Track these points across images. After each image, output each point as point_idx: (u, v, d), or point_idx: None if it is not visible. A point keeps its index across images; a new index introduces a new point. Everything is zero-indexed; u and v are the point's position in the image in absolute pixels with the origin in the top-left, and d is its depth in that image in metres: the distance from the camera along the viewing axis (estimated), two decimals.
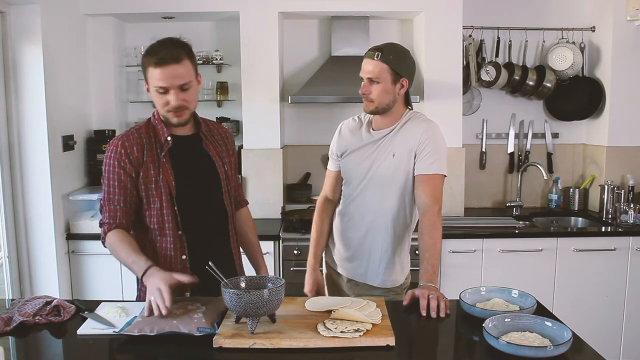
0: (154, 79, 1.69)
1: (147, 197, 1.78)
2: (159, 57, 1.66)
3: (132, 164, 1.75)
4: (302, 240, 3.04)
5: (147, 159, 1.76)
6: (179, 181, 1.78)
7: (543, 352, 1.34)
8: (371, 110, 2.00)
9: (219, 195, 1.88)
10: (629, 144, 3.56)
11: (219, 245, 1.90)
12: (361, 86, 1.99)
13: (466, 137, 3.66)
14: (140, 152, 1.77)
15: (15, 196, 2.91)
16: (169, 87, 1.69)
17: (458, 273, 3.11)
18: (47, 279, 2.98)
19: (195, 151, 1.85)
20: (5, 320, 1.58)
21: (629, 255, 3.16)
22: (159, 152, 1.78)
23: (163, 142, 1.79)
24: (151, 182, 1.77)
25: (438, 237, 1.91)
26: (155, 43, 1.72)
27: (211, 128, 1.94)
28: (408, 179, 2.00)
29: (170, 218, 1.78)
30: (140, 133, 1.80)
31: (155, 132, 1.81)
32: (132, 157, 1.75)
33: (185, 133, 1.83)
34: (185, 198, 1.80)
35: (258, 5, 3.36)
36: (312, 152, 3.77)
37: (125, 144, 1.76)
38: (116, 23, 3.51)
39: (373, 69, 1.94)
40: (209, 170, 1.86)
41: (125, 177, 1.76)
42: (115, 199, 1.76)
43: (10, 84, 2.84)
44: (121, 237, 1.74)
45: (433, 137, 1.97)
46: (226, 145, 1.95)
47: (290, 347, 1.43)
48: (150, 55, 1.69)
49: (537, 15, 3.70)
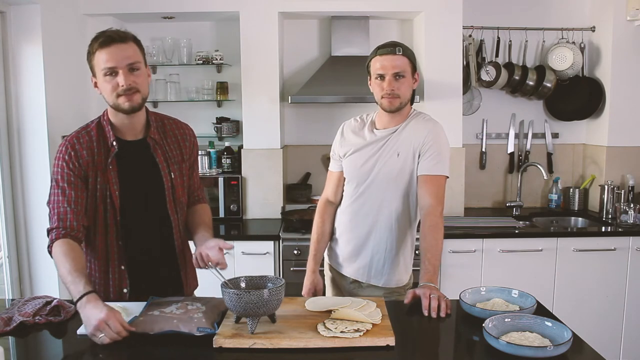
0: (101, 62, 1.62)
1: (92, 204, 1.72)
2: (105, 36, 1.61)
3: (82, 167, 1.69)
4: (302, 241, 3.05)
5: (96, 164, 1.71)
6: (123, 190, 1.73)
7: (543, 352, 1.34)
8: (397, 107, 1.98)
9: (163, 203, 1.81)
10: (629, 144, 3.56)
11: (162, 256, 1.85)
12: (381, 85, 1.96)
13: (466, 137, 3.66)
14: (91, 157, 1.71)
15: (15, 196, 2.91)
16: (116, 67, 1.61)
17: (458, 273, 3.11)
18: (47, 279, 2.97)
19: (142, 157, 1.77)
20: (5, 320, 1.58)
21: (629, 255, 3.16)
22: (106, 159, 1.72)
23: (110, 147, 1.73)
24: (94, 189, 1.71)
25: (440, 238, 1.92)
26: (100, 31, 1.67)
27: (167, 129, 1.85)
28: (412, 178, 2.00)
29: (111, 229, 1.75)
30: (91, 135, 1.73)
31: (103, 135, 1.74)
32: (81, 160, 1.70)
33: (133, 138, 1.77)
34: (129, 208, 1.75)
35: (258, 5, 3.36)
36: (312, 152, 3.77)
37: (76, 147, 1.70)
38: (116, 23, 3.50)
39: (400, 64, 1.94)
40: (156, 178, 1.79)
41: (75, 179, 1.69)
42: (65, 201, 1.67)
43: (10, 84, 2.84)
44: (66, 250, 1.61)
45: (437, 138, 1.98)
46: (181, 148, 1.86)
47: (290, 347, 1.43)
48: (95, 40, 1.64)
49: (537, 15, 3.70)
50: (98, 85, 1.69)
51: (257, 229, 3.30)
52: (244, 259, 3.10)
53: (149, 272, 1.83)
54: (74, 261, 1.59)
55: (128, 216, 1.76)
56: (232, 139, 3.64)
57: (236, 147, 3.59)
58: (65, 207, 1.68)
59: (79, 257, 1.63)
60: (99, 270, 1.81)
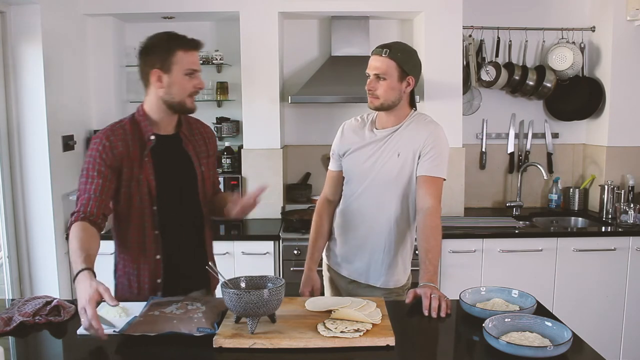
0: (185, 62, 1.73)
1: (126, 194, 1.78)
2: (194, 42, 1.76)
3: (116, 158, 1.74)
4: (302, 240, 3.04)
5: (131, 156, 1.77)
6: (159, 181, 1.79)
7: (543, 352, 1.34)
8: (376, 106, 2.01)
9: (195, 196, 1.89)
10: (629, 144, 3.56)
11: (193, 246, 1.92)
12: (367, 82, 2.00)
13: (466, 137, 3.66)
14: (125, 148, 1.76)
15: (15, 196, 2.91)
16: (198, 70, 1.76)
17: (458, 273, 3.11)
18: (47, 279, 2.97)
19: (175, 151, 1.87)
20: (5, 320, 1.58)
21: (629, 255, 3.16)
22: (142, 151, 1.79)
23: (146, 141, 1.79)
24: (132, 180, 1.77)
25: (440, 239, 1.93)
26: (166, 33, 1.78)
27: (193, 127, 1.95)
28: (412, 179, 2.01)
29: (147, 218, 1.80)
30: (125, 129, 1.80)
31: (139, 129, 1.81)
32: (115, 151, 1.75)
33: (167, 132, 1.85)
34: (164, 198, 1.81)
35: (258, 5, 3.36)
36: (312, 152, 3.77)
37: (111, 138, 1.76)
38: (116, 23, 3.51)
39: (380, 65, 1.95)
40: (188, 171, 1.88)
41: (105, 169, 1.73)
42: (91, 189, 1.72)
43: (10, 84, 2.84)
44: (78, 230, 1.65)
45: (438, 140, 1.99)
46: (206, 145, 1.96)
47: (290, 347, 1.43)
48: (180, 41, 1.74)
49: (537, 15, 3.70)
50: (166, 80, 1.75)
51: (257, 229, 3.30)
52: (244, 259, 3.10)
53: (181, 263, 1.88)
54: (81, 241, 1.61)
55: (163, 207, 1.82)
56: (232, 139, 3.64)
57: (236, 147, 3.59)
58: (89, 194, 1.72)
59: (89, 238, 1.65)
60: (132, 262, 1.84)
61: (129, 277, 1.85)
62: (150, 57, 1.77)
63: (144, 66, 1.79)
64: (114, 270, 1.92)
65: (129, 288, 1.86)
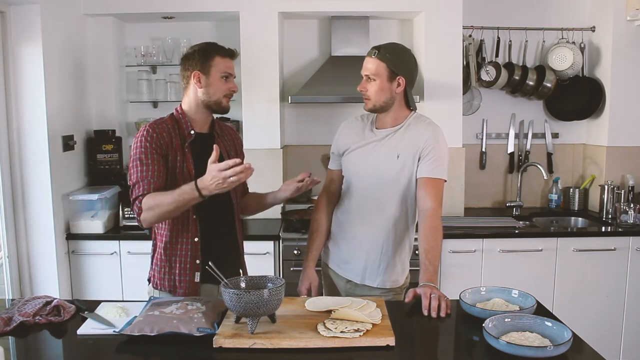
0: (222, 66, 1.95)
1: (172, 180, 1.91)
2: (230, 51, 2.00)
3: (162, 147, 1.91)
4: (302, 240, 3.04)
5: (175, 146, 1.94)
6: (197, 170, 1.91)
7: (543, 352, 1.34)
8: (369, 108, 2.04)
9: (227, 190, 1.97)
10: (629, 144, 3.56)
11: (225, 234, 2.08)
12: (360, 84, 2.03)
13: (466, 137, 3.66)
14: (169, 139, 1.93)
15: (15, 196, 2.91)
16: (233, 74, 1.99)
17: (458, 273, 3.11)
18: (47, 279, 2.97)
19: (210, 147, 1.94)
20: (5, 320, 1.58)
21: (629, 255, 3.16)
22: (183, 143, 1.95)
23: (186, 135, 1.97)
24: (175, 167, 1.92)
25: (440, 240, 1.94)
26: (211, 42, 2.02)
27: (223, 129, 2.14)
28: (411, 181, 2.01)
29: None
30: (167, 125, 1.96)
31: (179, 126, 1.98)
32: (162, 141, 1.91)
33: (203, 130, 2.03)
34: None
35: (258, 5, 3.36)
36: (312, 152, 3.77)
37: (157, 130, 1.92)
38: (116, 23, 3.51)
39: (370, 67, 1.98)
40: None
41: (157, 155, 1.89)
42: (149, 174, 1.86)
43: (10, 84, 2.84)
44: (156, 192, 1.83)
45: (438, 142, 1.99)
46: (234, 145, 2.16)
47: (290, 347, 1.43)
48: (218, 47, 1.99)
49: (537, 15, 3.70)
50: (204, 81, 1.95)
51: (257, 229, 3.29)
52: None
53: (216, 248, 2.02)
54: (166, 191, 1.82)
55: None
56: None
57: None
58: (149, 179, 1.86)
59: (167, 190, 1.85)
60: (171, 244, 1.97)
61: (171, 259, 1.97)
62: (191, 61, 1.96)
63: (185, 70, 1.98)
64: (151, 256, 2.05)
65: (169, 269, 1.98)
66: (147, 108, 3.66)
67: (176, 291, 1.96)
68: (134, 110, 3.70)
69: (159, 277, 1.99)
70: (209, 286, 1.99)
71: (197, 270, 1.96)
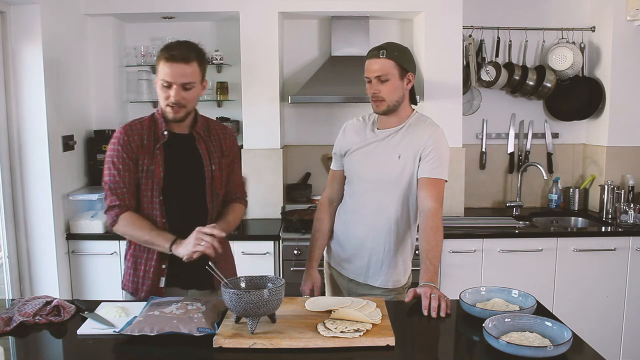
0: (162, 73, 1.82)
1: (140, 184, 1.91)
2: (171, 54, 1.80)
3: (133, 150, 1.89)
4: (302, 240, 3.04)
5: (145, 148, 1.90)
6: (168, 174, 1.90)
7: (543, 352, 1.34)
8: (383, 110, 2.01)
9: (203, 192, 1.96)
10: (629, 144, 3.56)
11: None
12: (368, 87, 2.00)
13: (466, 137, 3.66)
14: (140, 141, 1.90)
15: (15, 196, 2.91)
16: (172, 83, 1.81)
17: (458, 273, 3.11)
18: (47, 279, 2.97)
19: (187, 149, 1.96)
20: (5, 320, 1.58)
21: (629, 255, 3.16)
22: (155, 144, 1.91)
23: (160, 136, 1.92)
24: (144, 171, 1.89)
25: (441, 240, 1.94)
26: (174, 41, 1.88)
27: (211, 128, 2.03)
28: (412, 181, 2.01)
29: (156, 206, 1.91)
30: (143, 125, 1.94)
31: (155, 126, 1.94)
32: (133, 145, 1.89)
33: (182, 131, 1.95)
34: (172, 190, 1.92)
35: (258, 5, 3.36)
36: (312, 152, 3.77)
37: (129, 132, 1.90)
38: (116, 23, 3.51)
39: (381, 67, 1.96)
40: (198, 168, 1.95)
41: (128, 161, 1.88)
42: (122, 182, 1.87)
43: (10, 84, 2.84)
44: (136, 218, 1.88)
45: (438, 142, 1.99)
46: (222, 145, 2.02)
47: (290, 347, 1.43)
48: (164, 50, 1.84)
49: (537, 15, 3.70)
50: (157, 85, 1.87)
51: (257, 229, 3.29)
52: (244, 259, 3.09)
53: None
54: (148, 223, 1.87)
55: (170, 198, 1.92)
56: None
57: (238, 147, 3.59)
58: (122, 188, 1.88)
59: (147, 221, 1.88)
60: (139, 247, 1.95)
61: (137, 261, 1.96)
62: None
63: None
64: (124, 255, 2.04)
65: (134, 271, 1.96)
66: (147, 108, 3.65)
67: (138, 294, 1.95)
68: (134, 110, 3.69)
69: (125, 277, 2.00)
70: (177, 290, 1.94)
71: (162, 275, 1.92)
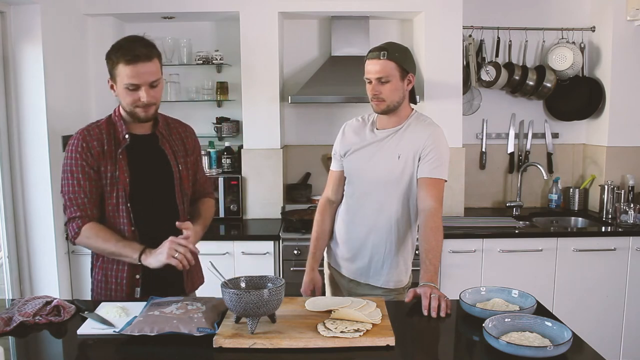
0: (124, 76, 1.71)
1: (103, 192, 1.82)
2: (133, 55, 1.69)
3: (94, 158, 1.79)
4: (302, 240, 3.04)
5: (106, 154, 1.81)
6: (134, 178, 1.82)
7: (543, 352, 1.34)
8: (383, 109, 2.01)
9: (172, 193, 1.91)
10: (629, 144, 3.56)
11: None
12: (369, 88, 2.00)
13: (466, 137, 3.66)
14: (101, 147, 1.80)
15: (15, 196, 2.91)
16: (141, 84, 1.72)
17: (458, 273, 3.11)
18: (47, 279, 2.97)
19: (151, 150, 1.89)
20: (5, 320, 1.58)
21: (629, 255, 3.16)
22: (116, 149, 1.82)
23: (121, 140, 1.83)
24: (107, 178, 1.81)
25: (441, 240, 1.94)
26: (122, 40, 1.76)
27: (171, 127, 1.97)
28: (412, 181, 2.01)
29: (124, 214, 1.83)
30: (101, 129, 1.83)
31: (114, 129, 1.85)
32: (93, 151, 1.79)
33: (143, 132, 1.87)
34: (139, 195, 1.84)
35: (258, 5, 3.36)
36: (312, 152, 3.77)
37: (87, 138, 1.80)
38: (116, 23, 3.51)
39: (382, 69, 1.95)
40: (164, 169, 1.89)
41: (89, 169, 1.79)
42: (82, 192, 1.78)
43: (10, 84, 2.84)
44: (100, 229, 1.78)
45: (438, 142, 1.99)
46: (184, 144, 1.97)
47: (290, 347, 1.43)
48: (121, 53, 1.71)
49: (537, 15, 3.70)
50: (116, 90, 1.78)
51: (257, 229, 3.30)
52: (244, 259, 3.10)
53: None
54: (113, 233, 1.78)
55: (138, 204, 1.84)
56: (232, 139, 3.64)
57: (236, 147, 3.59)
58: (82, 198, 1.79)
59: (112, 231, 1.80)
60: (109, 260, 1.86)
61: (107, 273, 1.87)
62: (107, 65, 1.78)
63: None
64: (90, 268, 1.95)
65: (105, 284, 1.88)
66: None
67: None
68: None
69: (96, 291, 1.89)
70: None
71: (136, 286, 1.85)
